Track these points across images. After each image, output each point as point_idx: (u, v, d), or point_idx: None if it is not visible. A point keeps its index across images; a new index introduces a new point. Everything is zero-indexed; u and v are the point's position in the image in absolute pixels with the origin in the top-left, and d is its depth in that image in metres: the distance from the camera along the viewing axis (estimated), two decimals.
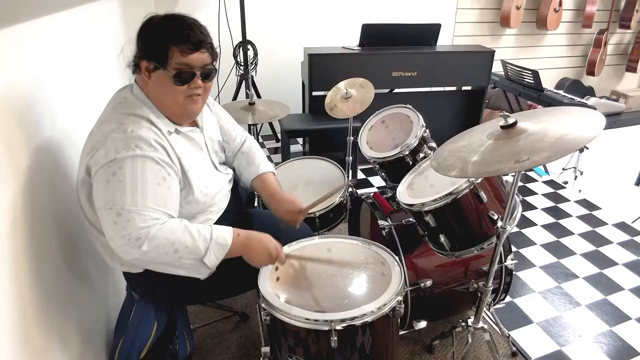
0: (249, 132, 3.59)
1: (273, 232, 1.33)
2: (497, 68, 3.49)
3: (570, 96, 3.22)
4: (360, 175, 3.24)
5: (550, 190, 3.11)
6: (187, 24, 1.14)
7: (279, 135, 3.68)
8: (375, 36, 3.10)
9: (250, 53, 3.23)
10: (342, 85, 2.16)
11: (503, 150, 1.08)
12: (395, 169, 1.85)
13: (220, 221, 1.35)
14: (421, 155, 1.79)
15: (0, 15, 1.01)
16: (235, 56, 3.29)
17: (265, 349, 1.35)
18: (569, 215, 2.77)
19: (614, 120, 4.43)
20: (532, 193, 3.06)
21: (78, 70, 1.51)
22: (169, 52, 1.12)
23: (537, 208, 2.86)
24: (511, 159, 1.03)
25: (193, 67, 1.15)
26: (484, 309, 1.51)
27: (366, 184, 3.15)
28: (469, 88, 3.51)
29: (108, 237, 1.08)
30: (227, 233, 1.17)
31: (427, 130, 1.86)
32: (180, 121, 1.24)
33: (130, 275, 1.29)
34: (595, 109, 1.26)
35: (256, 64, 3.34)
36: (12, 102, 1.05)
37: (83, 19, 1.61)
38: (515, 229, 2.59)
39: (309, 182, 1.98)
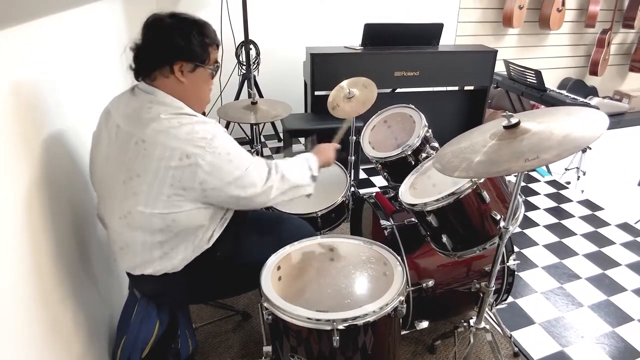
0: (251, 131, 3.60)
1: (272, 232, 1.35)
2: (499, 68, 3.48)
3: (573, 96, 3.21)
4: (363, 175, 3.24)
5: (552, 190, 3.10)
6: (208, 23, 1.22)
7: (281, 135, 3.68)
8: (378, 36, 3.10)
9: (253, 53, 3.23)
10: (345, 84, 2.15)
11: (509, 150, 1.08)
12: (398, 168, 1.85)
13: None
14: (423, 155, 1.79)
15: (12, 14, 1.04)
16: (237, 56, 3.29)
17: (267, 349, 1.35)
18: (571, 216, 2.77)
19: (617, 120, 4.41)
20: (535, 193, 3.05)
21: (81, 68, 1.51)
22: (209, 51, 1.21)
23: (539, 208, 2.85)
24: (520, 158, 1.02)
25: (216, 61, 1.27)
26: (486, 309, 1.51)
27: (368, 183, 3.15)
28: (471, 88, 3.51)
29: (256, 193, 1.20)
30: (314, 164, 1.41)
31: (430, 130, 1.86)
32: (201, 112, 1.29)
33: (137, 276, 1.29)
34: (598, 109, 1.26)
35: (258, 64, 3.34)
36: (24, 97, 1.08)
37: (87, 18, 1.61)
38: (518, 230, 2.58)
39: None
